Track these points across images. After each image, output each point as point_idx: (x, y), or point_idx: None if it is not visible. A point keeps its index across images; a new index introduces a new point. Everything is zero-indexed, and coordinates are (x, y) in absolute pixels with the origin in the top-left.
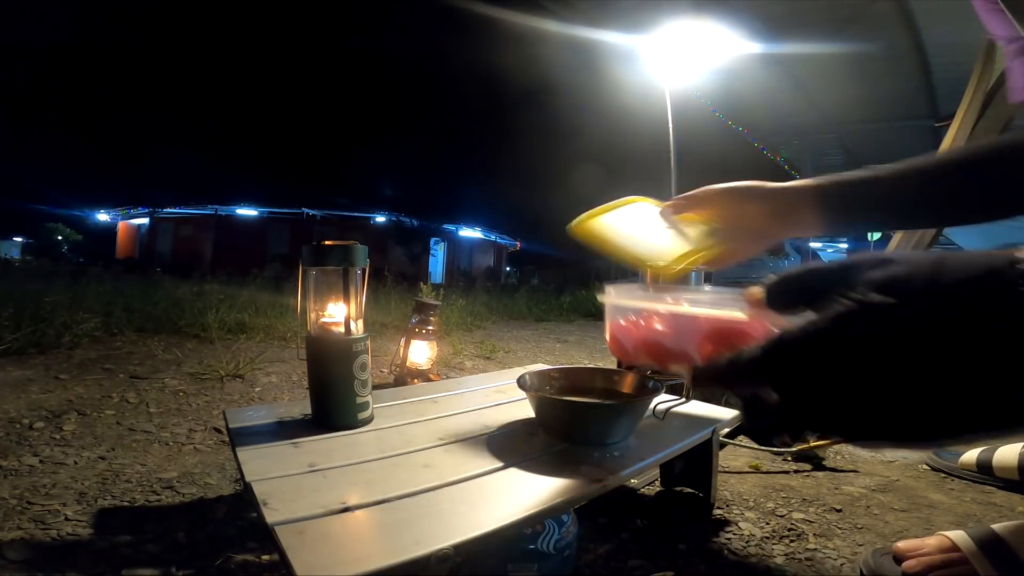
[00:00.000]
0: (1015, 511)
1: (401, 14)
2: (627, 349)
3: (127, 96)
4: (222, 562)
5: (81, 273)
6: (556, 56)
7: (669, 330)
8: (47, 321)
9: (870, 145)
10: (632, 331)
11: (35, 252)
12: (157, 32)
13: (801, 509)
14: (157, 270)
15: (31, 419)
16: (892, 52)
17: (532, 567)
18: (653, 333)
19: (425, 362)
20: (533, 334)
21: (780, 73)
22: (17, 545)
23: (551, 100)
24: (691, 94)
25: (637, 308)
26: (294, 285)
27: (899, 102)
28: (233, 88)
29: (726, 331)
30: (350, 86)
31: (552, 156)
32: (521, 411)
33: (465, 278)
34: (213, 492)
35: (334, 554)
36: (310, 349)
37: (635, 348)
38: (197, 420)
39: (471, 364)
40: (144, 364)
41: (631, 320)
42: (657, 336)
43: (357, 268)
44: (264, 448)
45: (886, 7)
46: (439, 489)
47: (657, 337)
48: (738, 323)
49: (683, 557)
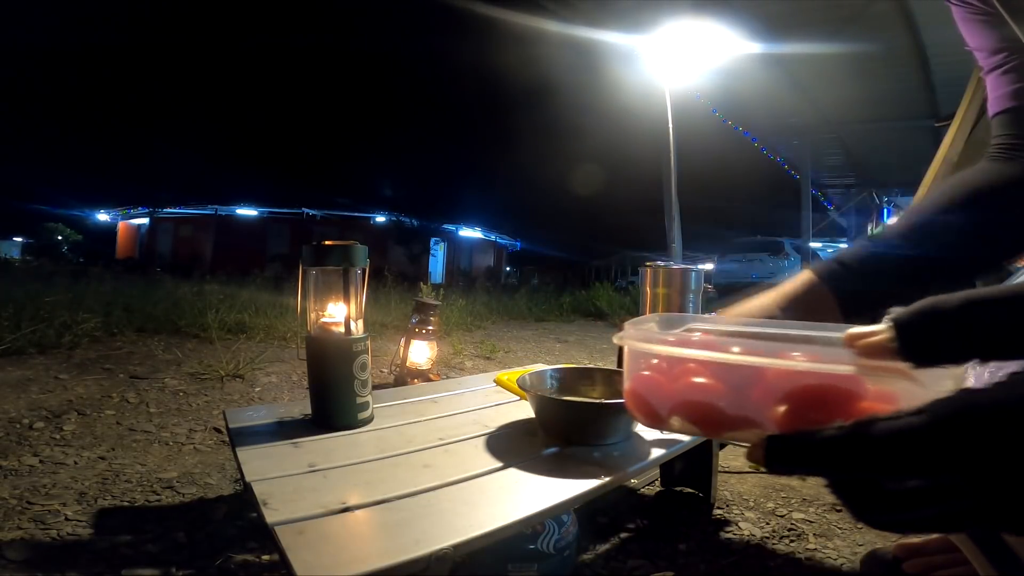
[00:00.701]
0: None
1: (401, 14)
2: (656, 410)
3: (127, 96)
4: (222, 562)
5: (81, 273)
6: (556, 56)
7: (723, 385)
8: (47, 321)
9: (870, 145)
10: (664, 385)
11: (35, 252)
12: (157, 32)
13: (801, 509)
14: (157, 270)
15: (31, 419)
16: (892, 52)
17: (532, 567)
18: (698, 389)
19: (425, 362)
20: (533, 334)
21: (780, 73)
22: (17, 545)
23: (551, 100)
24: (691, 94)
25: (671, 354)
26: (294, 285)
27: (899, 102)
28: (233, 88)
29: (818, 391)
30: (350, 86)
31: (552, 156)
32: (521, 411)
33: (465, 278)
34: (213, 492)
35: (334, 554)
36: (310, 349)
37: (670, 409)
38: (197, 420)
39: (471, 364)
40: (144, 364)
41: (662, 368)
42: (703, 393)
43: (357, 268)
44: (264, 448)
45: (886, 7)
46: (439, 489)
47: (703, 395)
48: (838, 380)
49: (683, 557)
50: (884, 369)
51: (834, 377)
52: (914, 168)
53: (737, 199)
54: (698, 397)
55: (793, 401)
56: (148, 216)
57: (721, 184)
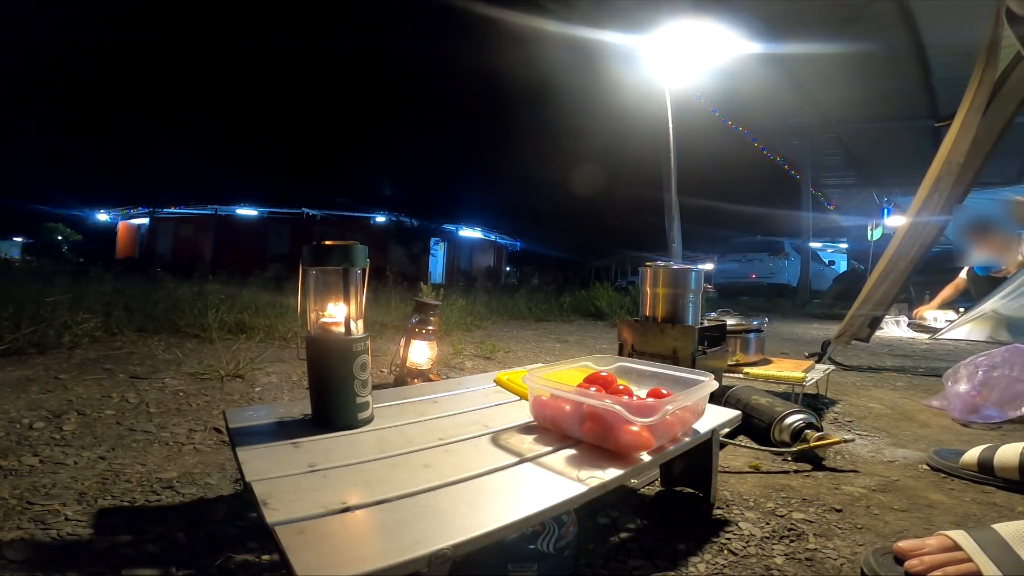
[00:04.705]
0: (1015, 511)
1: (401, 14)
2: (540, 415)
3: (127, 96)
4: (222, 562)
5: (81, 273)
6: (556, 56)
7: (567, 409)
8: (47, 321)
9: (870, 145)
10: (546, 405)
11: (35, 252)
12: (157, 32)
13: (801, 509)
14: (157, 270)
15: (31, 419)
16: (892, 52)
17: (532, 567)
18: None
19: (425, 362)
20: (533, 334)
21: (780, 73)
22: (17, 545)
23: (551, 100)
24: (691, 94)
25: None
26: (294, 285)
27: (899, 102)
28: (233, 88)
29: (599, 414)
30: (350, 86)
31: (552, 156)
32: (521, 411)
33: (465, 278)
34: (213, 492)
35: (334, 554)
36: (310, 349)
37: (544, 419)
38: (197, 420)
39: (471, 364)
40: (144, 364)
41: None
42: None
43: (357, 268)
44: (264, 448)
45: (886, 7)
46: (439, 489)
47: (557, 413)
48: (604, 411)
49: (683, 557)
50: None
51: (602, 408)
52: (914, 168)
53: (737, 199)
54: (555, 414)
55: (589, 419)
56: (148, 216)
57: (721, 184)
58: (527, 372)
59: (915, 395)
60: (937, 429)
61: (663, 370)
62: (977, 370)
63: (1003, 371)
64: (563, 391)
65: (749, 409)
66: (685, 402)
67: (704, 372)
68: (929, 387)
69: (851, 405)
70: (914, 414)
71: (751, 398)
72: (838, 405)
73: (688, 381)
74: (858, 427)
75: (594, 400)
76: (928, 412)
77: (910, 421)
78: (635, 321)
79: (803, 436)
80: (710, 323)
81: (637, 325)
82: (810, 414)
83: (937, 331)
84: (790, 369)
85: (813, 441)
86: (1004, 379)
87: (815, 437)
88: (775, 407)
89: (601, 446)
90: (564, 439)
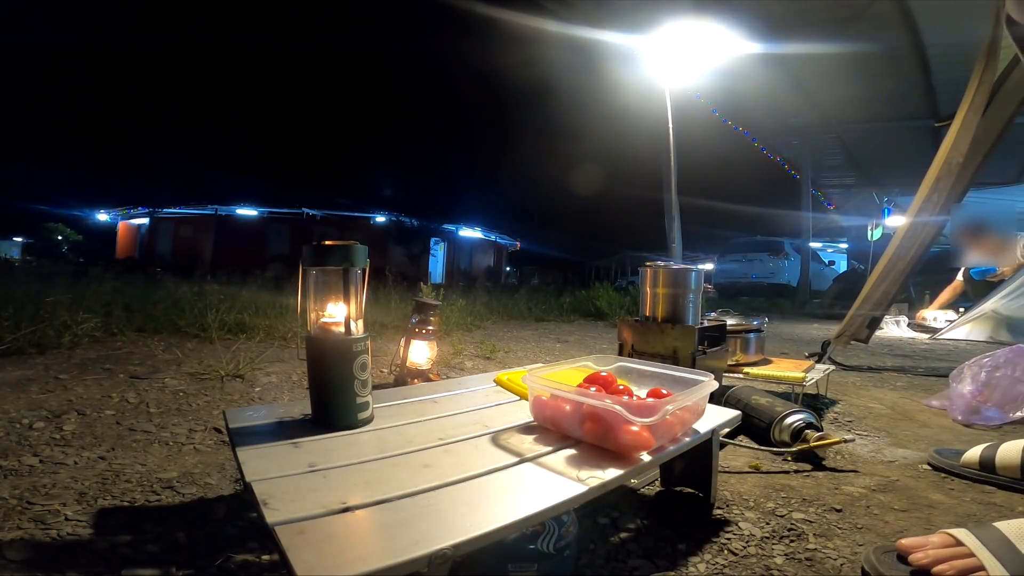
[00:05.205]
0: (1015, 511)
1: (401, 13)
2: (540, 415)
3: (127, 96)
4: (222, 562)
5: (81, 273)
6: (556, 56)
7: (567, 409)
8: (47, 321)
9: (870, 145)
10: (546, 405)
11: (35, 252)
12: (157, 32)
13: (801, 509)
14: (157, 270)
15: (31, 419)
16: (892, 52)
17: (532, 567)
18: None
19: (425, 362)
20: (533, 334)
21: (780, 73)
22: (17, 545)
23: (551, 100)
24: (691, 94)
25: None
26: (294, 285)
27: (899, 102)
28: (233, 88)
29: (598, 413)
30: (350, 86)
31: (552, 156)
32: (521, 411)
33: (465, 278)
34: (213, 492)
35: (334, 554)
36: (310, 349)
37: (544, 418)
38: (197, 420)
39: (471, 364)
40: (144, 364)
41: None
42: (557, 411)
43: (357, 268)
44: (264, 448)
45: (886, 7)
46: (439, 489)
47: (556, 412)
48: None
49: (683, 557)
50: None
51: (602, 408)
52: (914, 168)
53: (737, 199)
54: (555, 414)
55: (589, 419)
56: (148, 216)
57: (721, 184)
58: (527, 372)
59: (915, 395)
60: (937, 429)
61: (663, 370)
62: (981, 371)
63: (1005, 371)
64: (563, 391)
65: (749, 409)
66: (685, 402)
67: (704, 372)
68: (929, 387)
69: (851, 405)
70: (914, 414)
71: (751, 398)
72: (838, 405)
73: (688, 381)
74: (858, 427)
75: (594, 400)
76: (928, 412)
77: (910, 421)
78: (635, 321)
79: (803, 436)
80: (710, 323)
81: (637, 325)
82: (810, 414)
83: (937, 331)
84: (790, 369)
85: (813, 441)
86: (1006, 380)
87: (815, 437)
88: (775, 407)
89: (601, 446)
90: (564, 439)
